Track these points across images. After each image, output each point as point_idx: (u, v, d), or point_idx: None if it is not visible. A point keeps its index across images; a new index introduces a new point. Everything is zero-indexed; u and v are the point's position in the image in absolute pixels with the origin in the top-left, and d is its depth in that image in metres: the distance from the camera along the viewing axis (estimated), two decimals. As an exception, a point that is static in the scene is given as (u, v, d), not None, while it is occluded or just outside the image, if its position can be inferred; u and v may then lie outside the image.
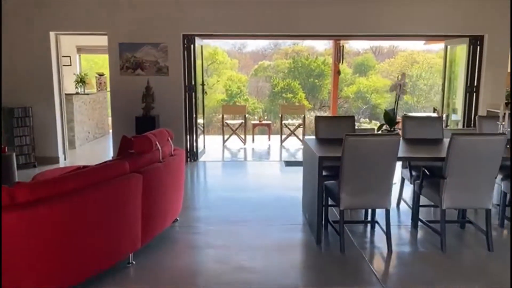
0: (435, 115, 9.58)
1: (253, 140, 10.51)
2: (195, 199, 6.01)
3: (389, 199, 4.24)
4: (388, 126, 4.69)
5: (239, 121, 10.22)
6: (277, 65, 33.92)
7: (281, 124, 10.17)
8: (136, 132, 7.19)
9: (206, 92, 8.37)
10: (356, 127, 5.59)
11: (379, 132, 5.58)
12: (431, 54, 33.21)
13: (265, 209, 5.44)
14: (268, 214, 5.25)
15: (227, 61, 32.02)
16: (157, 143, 4.28)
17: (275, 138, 10.84)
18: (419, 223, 4.84)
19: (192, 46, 7.64)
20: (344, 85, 31.14)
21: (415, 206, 4.86)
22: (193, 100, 7.77)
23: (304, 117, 10.11)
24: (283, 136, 10.14)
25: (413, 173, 5.04)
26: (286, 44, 38.80)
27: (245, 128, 10.08)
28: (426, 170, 4.51)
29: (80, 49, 10.89)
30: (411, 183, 5.07)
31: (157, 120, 7.35)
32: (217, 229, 4.81)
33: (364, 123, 24.96)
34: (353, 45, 38.85)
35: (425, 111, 27.15)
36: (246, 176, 7.16)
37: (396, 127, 5.04)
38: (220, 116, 10.41)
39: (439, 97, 28.06)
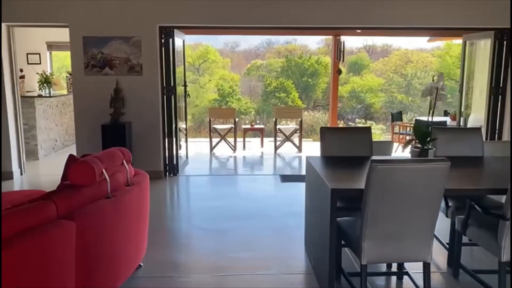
0: (448, 119, 8.31)
1: (244, 146, 9.19)
2: (169, 231, 4.65)
3: (430, 250, 2.94)
4: (419, 143, 3.43)
5: (229, 126, 8.90)
6: (270, 64, 32.70)
7: (275, 129, 8.86)
8: (103, 143, 5.86)
9: (189, 95, 7.03)
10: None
11: (407, 149, 4.28)
12: (425, 53, 32.18)
13: (258, 247, 4.12)
14: (261, 255, 3.93)
15: (219, 60, 30.72)
16: (104, 170, 2.96)
17: (269, 144, 9.54)
18: (460, 270, 3.57)
19: (171, 40, 6.29)
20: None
21: (456, 249, 3.57)
22: (173, 104, 6.43)
23: (301, 121, 8.81)
24: (278, 142, 8.84)
25: (450, 203, 3.75)
26: (279, 42, 37.53)
27: (235, 134, 8.76)
28: (476, 205, 3.22)
29: (51, 46, 9.51)
30: (447, 216, 3.78)
31: (128, 128, 6.01)
32: (192, 281, 3.49)
33: (360, 123, 23.61)
34: (346, 44, 37.72)
35: (421, 111, 25.99)
36: (235, 197, 5.77)
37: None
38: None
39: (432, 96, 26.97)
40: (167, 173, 6.51)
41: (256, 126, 9.37)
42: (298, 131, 8.82)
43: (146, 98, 6.20)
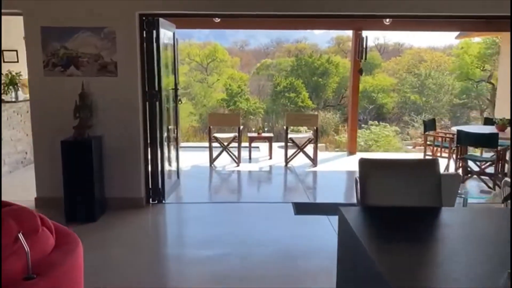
0: (491, 128, 6.69)
1: (249, 157, 7.67)
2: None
3: None
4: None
5: (232, 135, 7.38)
6: (279, 63, 31.23)
7: (286, 138, 7.33)
8: (64, 165, 4.36)
9: (180, 100, 5.52)
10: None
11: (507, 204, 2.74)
12: (439, 52, 30.54)
13: None
14: None
15: (228, 59, 29.27)
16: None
17: (278, 152, 8.02)
18: None
19: (154, 32, 4.79)
20: (348, 83, 28.39)
21: None
22: (158, 112, 4.93)
23: (317, 130, 7.25)
24: (289, 152, 7.31)
25: None
26: (289, 41, 36.10)
27: (239, 145, 7.23)
28: None
29: (30, 42, 8.04)
30: None
31: (96, 144, 4.48)
32: None
33: (373, 125, 21.93)
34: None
35: (434, 111, 24.30)
36: (233, 241, 4.01)
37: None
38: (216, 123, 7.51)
39: (448, 97, 25.00)
40: (150, 200, 5.00)
41: (264, 135, 7.84)
42: (312, 141, 7.28)
43: (123, 106, 4.69)
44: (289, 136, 7.30)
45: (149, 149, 4.92)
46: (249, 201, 5.23)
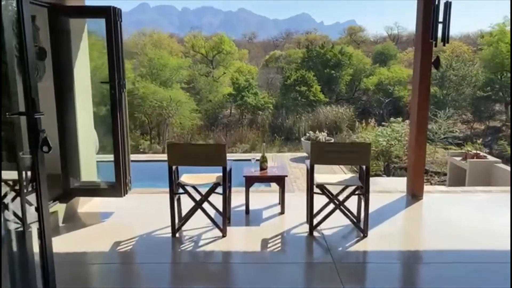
0: None
1: (247, 211, 4.10)
2: None
3: None
4: None
5: (212, 179, 3.79)
6: (289, 54, 27.39)
7: (310, 183, 3.69)
8: None
9: (44, 134, 1.78)
10: None
11: None
12: (457, 42, 26.57)
13: None
14: None
15: (235, 51, 25.51)
16: None
17: (294, 197, 4.38)
18: None
19: None
20: (363, 75, 24.62)
21: None
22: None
23: (368, 170, 3.59)
24: (315, 207, 3.68)
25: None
26: (299, 32, 32.33)
27: (225, 198, 3.64)
28: None
29: None
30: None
31: None
32: None
33: (395, 123, 17.72)
34: (369, 31, 32.22)
35: (456, 105, 20.39)
36: None
37: None
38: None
39: (471, 90, 20.69)
40: None
41: (270, 173, 4.18)
42: (359, 191, 3.64)
43: None
44: (317, 181, 3.65)
45: None
46: None
